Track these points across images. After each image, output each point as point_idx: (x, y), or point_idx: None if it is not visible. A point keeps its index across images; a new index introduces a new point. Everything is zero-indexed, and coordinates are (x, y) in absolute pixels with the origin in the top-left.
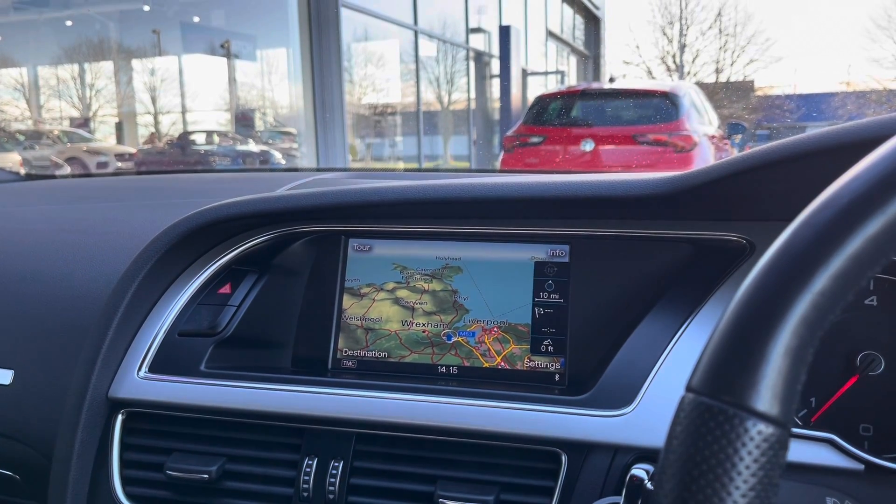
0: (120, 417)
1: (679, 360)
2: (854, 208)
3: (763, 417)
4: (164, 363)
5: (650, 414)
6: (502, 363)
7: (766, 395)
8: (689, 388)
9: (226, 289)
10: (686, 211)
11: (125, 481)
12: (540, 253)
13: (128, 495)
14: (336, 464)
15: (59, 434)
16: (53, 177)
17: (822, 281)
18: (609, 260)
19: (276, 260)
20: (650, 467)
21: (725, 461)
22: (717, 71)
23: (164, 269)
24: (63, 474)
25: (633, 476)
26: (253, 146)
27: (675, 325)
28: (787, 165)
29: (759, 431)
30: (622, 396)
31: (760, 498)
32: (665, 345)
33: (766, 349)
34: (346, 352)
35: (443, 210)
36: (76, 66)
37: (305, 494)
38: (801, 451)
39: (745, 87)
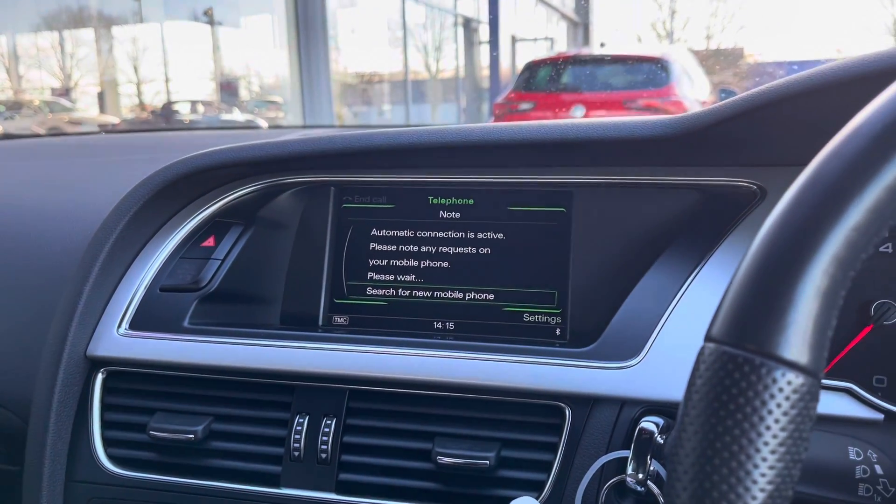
0: (100, 376)
1: (688, 310)
2: (890, 134)
3: (792, 366)
4: (145, 319)
5: (658, 365)
6: (500, 317)
7: (796, 341)
8: (708, 338)
9: (209, 242)
10: (694, 155)
11: (107, 443)
12: (539, 202)
13: (110, 457)
14: (328, 422)
15: (34, 395)
16: (30, 136)
17: (855, 215)
18: (612, 208)
19: (262, 212)
20: (660, 420)
21: (753, 415)
22: (708, 37)
23: (144, 221)
24: (40, 436)
25: (642, 429)
26: (238, 115)
27: (683, 274)
28: (804, 100)
29: (788, 382)
30: (628, 348)
31: (791, 453)
32: (673, 295)
33: (795, 291)
34: (336, 307)
35: (436, 158)
36: (56, 35)
37: (297, 454)
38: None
39: (735, 54)
